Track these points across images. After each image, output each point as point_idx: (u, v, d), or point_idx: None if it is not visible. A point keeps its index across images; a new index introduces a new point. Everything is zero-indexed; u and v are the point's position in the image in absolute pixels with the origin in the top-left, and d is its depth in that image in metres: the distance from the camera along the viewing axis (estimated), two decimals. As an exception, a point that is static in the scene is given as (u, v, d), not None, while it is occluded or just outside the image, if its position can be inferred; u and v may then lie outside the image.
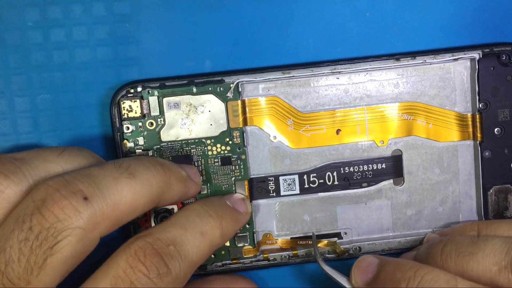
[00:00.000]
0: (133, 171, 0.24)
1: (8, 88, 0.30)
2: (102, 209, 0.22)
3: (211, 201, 0.27)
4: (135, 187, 0.24)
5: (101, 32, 0.30)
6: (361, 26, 0.31)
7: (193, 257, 0.24)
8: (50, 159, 0.24)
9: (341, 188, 0.31)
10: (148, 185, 0.24)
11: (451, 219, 0.32)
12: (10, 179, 0.23)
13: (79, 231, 0.22)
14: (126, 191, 0.23)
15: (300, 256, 0.31)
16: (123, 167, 0.24)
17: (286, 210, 0.32)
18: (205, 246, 0.25)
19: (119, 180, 0.23)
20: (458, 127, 0.31)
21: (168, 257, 0.23)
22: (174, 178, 0.26)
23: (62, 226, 0.21)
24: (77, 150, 0.25)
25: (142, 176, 0.24)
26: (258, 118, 0.31)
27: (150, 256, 0.23)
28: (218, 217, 0.26)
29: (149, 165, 0.25)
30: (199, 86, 0.30)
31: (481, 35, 0.31)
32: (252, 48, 0.31)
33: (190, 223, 0.25)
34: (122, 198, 0.23)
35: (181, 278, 0.23)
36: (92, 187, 0.22)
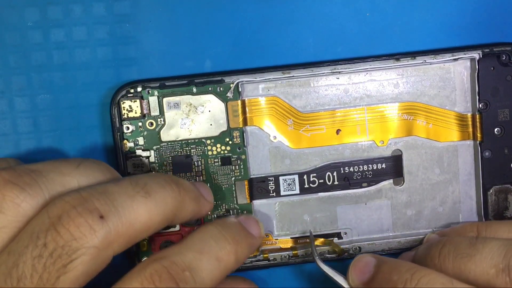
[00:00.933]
0: (149, 189, 0.24)
1: (8, 88, 0.30)
2: (117, 228, 0.22)
3: (228, 224, 0.27)
4: (150, 206, 0.24)
5: (101, 32, 0.30)
6: (361, 26, 0.31)
7: (207, 283, 0.24)
8: (67, 172, 0.24)
9: (341, 188, 0.31)
10: (163, 204, 0.24)
11: (451, 219, 0.32)
12: (26, 192, 0.22)
13: (94, 250, 0.22)
14: (141, 210, 0.23)
15: (300, 256, 0.31)
16: (139, 185, 0.24)
17: (286, 210, 0.32)
18: (220, 272, 0.25)
19: (134, 198, 0.23)
20: (458, 127, 0.31)
21: (183, 283, 0.23)
22: (188, 197, 0.26)
23: (77, 245, 0.21)
24: (94, 164, 0.25)
25: (157, 194, 0.24)
26: (258, 118, 0.31)
27: (165, 281, 0.23)
28: (234, 242, 0.26)
29: (164, 184, 0.25)
30: (199, 86, 0.30)
31: (481, 35, 0.31)
32: (252, 48, 0.31)
33: (206, 247, 0.25)
34: (137, 217, 0.23)
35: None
36: (108, 205, 0.22)
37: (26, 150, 0.30)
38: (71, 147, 0.30)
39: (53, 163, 0.24)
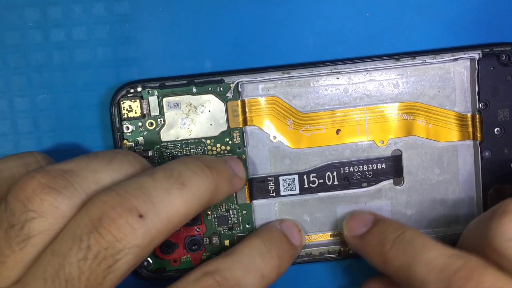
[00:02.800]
0: (184, 180, 0.24)
1: (8, 88, 0.30)
2: (157, 225, 0.22)
3: (273, 237, 0.28)
4: (187, 197, 0.24)
5: (101, 32, 0.30)
6: (361, 26, 0.31)
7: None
8: (99, 169, 0.24)
9: (341, 188, 0.31)
10: (199, 193, 0.24)
11: (451, 219, 0.32)
12: (64, 194, 0.22)
13: (136, 249, 0.22)
14: (178, 202, 0.23)
15: (300, 256, 0.31)
16: (173, 176, 0.24)
17: (286, 210, 0.32)
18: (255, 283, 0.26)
19: (171, 192, 0.23)
20: (458, 127, 0.31)
21: None
22: (223, 180, 0.26)
23: (120, 246, 0.22)
24: (124, 157, 0.25)
25: (192, 184, 0.24)
26: (258, 118, 0.31)
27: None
28: (279, 258, 0.27)
29: (198, 170, 0.25)
30: (199, 86, 0.30)
31: (481, 35, 0.31)
32: (252, 48, 0.31)
33: (253, 264, 0.26)
34: (175, 210, 0.23)
35: None
36: (146, 203, 0.22)
37: (26, 150, 0.30)
38: (71, 147, 0.30)
39: (85, 161, 0.24)
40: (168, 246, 0.30)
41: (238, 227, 0.31)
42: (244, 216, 0.31)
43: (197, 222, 0.31)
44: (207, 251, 0.31)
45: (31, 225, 0.22)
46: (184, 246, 0.31)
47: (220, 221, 0.31)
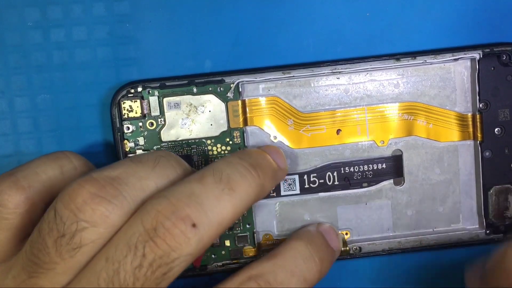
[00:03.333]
0: (232, 184, 0.24)
1: (8, 88, 0.30)
2: (208, 233, 0.23)
3: (315, 240, 0.28)
4: (235, 202, 0.24)
5: (101, 32, 0.30)
6: (361, 26, 0.31)
7: None
8: (145, 176, 0.24)
9: (341, 188, 0.31)
10: (247, 197, 0.25)
11: (451, 219, 0.32)
12: (114, 204, 0.23)
13: (189, 257, 0.23)
14: (228, 208, 0.24)
15: (300, 256, 0.31)
16: (223, 181, 0.24)
17: (286, 210, 0.32)
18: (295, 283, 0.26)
19: (221, 198, 0.24)
20: (459, 127, 0.31)
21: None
22: (268, 179, 0.26)
23: (175, 255, 0.22)
24: (167, 162, 0.25)
25: (240, 188, 0.24)
26: (259, 118, 0.31)
27: None
28: (320, 261, 0.27)
29: (245, 172, 0.25)
30: (199, 86, 0.30)
31: (481, 35, 0.31)
32: (252, 48, 0.31)
33: (297, 268, 0.26)
34: (225, 216, 0.24)
35: None
36: (198, 211, 0.23)
37: (26, 150, 0.30)
38: (71, 147, 0.30)
39: (131, 167, 0.24)
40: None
41: (238, 227, 0.31)
42: (244, 216, 0.31)
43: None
44: (207, 251, 0.31)
45: (83, 234, 0.22)
46: (185, 246, 0.31)
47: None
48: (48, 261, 0.22)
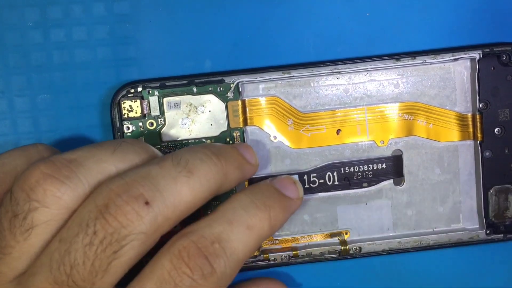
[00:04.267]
0: (191, 167, 0.24)
1: (8, 88, 0.30)
2: (163, 212, 0.23)
3: (258, 189, 0.26)
4: (194, 185, 0.24)
5: (101, 32, 0.30)
6: (361, 26, 0.31)
7: (239, 253, 0.24)
8: (104, 159, 0.24)
9: (342, 188, 0.31)
10: (206, 181, 0.24)
11: (451, 219, 0.32)
12: (67, 185, 0.23)
13: (142, 236, 0.22)
14: (185, 190, 0.23)
15: (300, 256, 0.31)
16: (181, 164, 0.24)
17: (286, 210, 0.31)
18: (252, 240, 0.24)
19: (177, 179, 0.23)
20: (459, 127, 0.31)
21: (213, 256, 0.23)
22: (232, 167, 0.26)
23: (126, 232, 0.22)
24: (130, 146, 0.25)
25: (199, 172, 0.24)
26: (258, 118, 0.31)
27: (194, 257, 0.23)
28: (266, 207, 0.25)
29: (206, 158, 0.25)
30: (199, 86, 0.30)
31: (481, 35, 0.31)
32: (252, 48, 0.31)
33: (236, 216, 0.24)
34: (182, 198, 0.23)
35: (228, 277, 0.23)
36: (152, 190, 0.23)
37: (26, 150, 0.30)
38: (71, 147, 0.30)
39: (90, 151, 0.24)
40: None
41: (238, 227, 0.31)
42: (245, 216, 0.31)
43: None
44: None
45: (34, 215, 0.22)
46: (185, 246, 0.31)
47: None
48: (4, 245, 0.22)
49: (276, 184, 0.27)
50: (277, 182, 0.27)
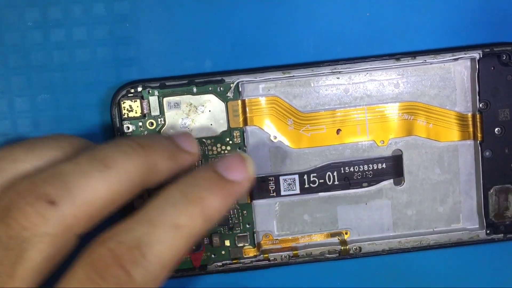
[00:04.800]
0: (108, 161, 0.22)
1: (8, 88, 0.30)
2: (72, 211, 0.21)
3: (193, 178, 0.23)
4: (110, 179, 0.22)
5: (101, 32, 0.30)
6: (361, 26, 0.31)
7: (165, 257, 0.21)
8: (20, 158, 0.23)
9: (342, 188, 0.31)
10: (126, 174, 0.22)
11: (451, 219, 0.32)
12: None
13: (48, 238, 0.21)
14: (99, 186, 0.22)
15: (300, 256, 0.31)
16: (97, 158, 0.22)
17: (286, 210, 0.32)
18: (181, 241, 0.22)
19: (91, 175, 0.22)
20: (459, 127, 0.31)
21: (131, 264, 0.21)
22: (160, 158, 0.24)
23: (28, 235, 0.21)
24: (53, 142, 0.24)
25: (118, 165, 0.22)
26: (258, 118, 0.31)
27: (110, 267, 0.21)
28: (199, 200, 0.22)
29: (128, 150, 0.23)
30: (199, 86, 0.30)
31: (481, 35, 0.31)
32: (252, 48, 0.31)
33: (160, 215, 0.22)
34: (96, 194, 0.22)
35: (152, 283, 0.21)
36: (60, 189, 0.21)
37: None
38: (71, 147, 0.30)
39: (6, 150, 0.23)
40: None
41: (238, 227, 0.31)
42: (245, 216, 0.31)
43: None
44: (207, 251, 0.31)
45: None
46: (185, 246, 0.30)
47: (220, 221, 0.31)
48: None
49: (218, 167, 0.24)
50: (219, 164, 0.24)
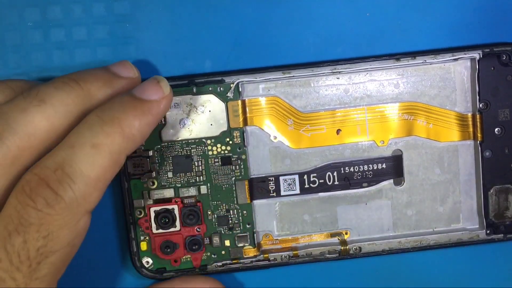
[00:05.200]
0: (43, 96, 0.24)
1: (8, 88, 0.30)
2: (16, 143, 0.23)
3: (109, 104, 0.25)
4: (48, 111, 0.24)
5: (101, 32, 0.30)
6: (361, 26, 0.31)
7: (89, 174, 0.23)
8: None
9: (341, 188, 0.31)
10: (63, 106, 0.24)
11: (451, 219, 0.32)
12: None
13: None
14: (38, 118, 0.24)
15: (300, 256, 0.31)
16: (31, 95, 0.24)
17: (286, 210, 0.32)
18: (102, 158, 0.23)
19: (27, 110, 0.24)
20: (459, 127, 0.31)
21: (55, 183, 0.23)
22: (94, 87, 0.25)
23: None
24: None
25: (53, 99, 0.24)
26: (259, 118, 0.31)
27: (36, 188, 0.22)
28: (115, 120, 0.24)
29: (61, 85, 0.25)
30: (199, 86, 0.30)
31: (481, 35, 0.31)
32: (252, 48, 0.31)
33: (79, 138, 0.23)
34: (36, 126, 0.24)
35: (81, 199, 0.23)
36: (1, 125, 0.23)
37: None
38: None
39: None
40: (168, 246, 0.30)
41: (238, 227, 0.31)
42: (245, 216, 0.31)
43: (197, 221, 0.30)
44: (207, 251, 0.31)
45: None
46: (185, 246, 0.31)
47: (220, 221, 0.31)
48: None
49: (133, 91, 0.26)
50: (135, 89, 0.26)
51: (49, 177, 0.23)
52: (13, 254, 0.22)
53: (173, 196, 0.30)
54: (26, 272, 0.22)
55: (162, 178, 0.30)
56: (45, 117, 0.24)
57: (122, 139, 0.24)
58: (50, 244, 0.23)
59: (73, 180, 0.23)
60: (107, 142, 0.24)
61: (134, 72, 0.27)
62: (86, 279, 0.31)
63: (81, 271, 0.31)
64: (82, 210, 0.23)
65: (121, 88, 0.26)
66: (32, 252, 0.22)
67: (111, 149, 0.24)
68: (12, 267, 0.22)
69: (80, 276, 0.31)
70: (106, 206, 0.31)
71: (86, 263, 0.31)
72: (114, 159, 0.24)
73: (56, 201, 0.22)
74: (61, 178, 0.23)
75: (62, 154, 0.23)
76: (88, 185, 0.23)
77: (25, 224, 0.22)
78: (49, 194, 0.22)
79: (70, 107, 0.24)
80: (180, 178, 0.30)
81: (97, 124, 0.24)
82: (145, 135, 0.25)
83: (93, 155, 0.23)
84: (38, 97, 0.24)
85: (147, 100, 0.25)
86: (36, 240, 0.22)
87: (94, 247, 0.31)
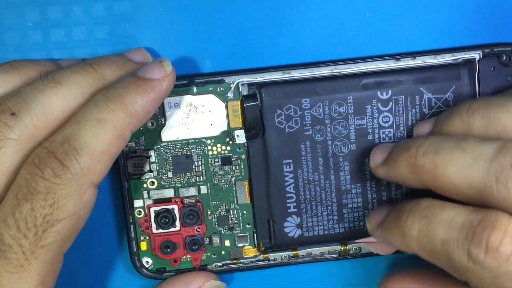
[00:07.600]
0: (59, 79, 0.26)
1: (8, 88, 0.30)
2: (33, 121, 0.24)
3: (114, 83, 0.27)
4: (63, 92, 0.25)
5: (101, 32, 0.30)
6: (361, 26, 0.31)
7: (95, 146, 0.24)
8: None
9: (341, 188, 0.31)
10: (78, 87, 0.26)
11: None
12: None
13: (13, 143, 0.24)
14: (54, 99, 0.25)
15: (300, 256, 0.31)
16: (48, 78, 0.26)
17: (286, 210, 0.32)
18: (107, 131, 0.25)
19: (45, 91, 0.25)
20: (459, 127, 0.31)
21: (63, 155, 0.24)
22: (109, 70, 0.27)
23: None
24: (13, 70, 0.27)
25: (69, 81, 0.26)
26: (258, 118, 0.31)
27: (45, 160, 0.24)
28: (118, 97, 0.25)
29: (77, 69, 0.26)
30: (199, 86, 0.30)
31: (481, 35, 0.31)
32: (252, 48, 0.31)
33: (85, 115, 0.25)
34: (52, 105, 0.25)
35: (85, 170, 0.24)
36: (19, 103, 0.25)
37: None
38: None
39: None
40: (168, 246, 0.30)
41: (238, 227, 0.31)
42: (244, 216, 0.31)
43: (197, 221, 0.30)
44: (207, 251, 0.31)
45: None
46: (185, 246, 0.31)
47: (220, 221, 0.31)
48: None
49: (138, 72, 0.27)
50: (140, 70, 0.27)
51: (57, 149, 0.24)
52: (21, 221, 0.23)
53: (173, 196, 0.30)
54: (32, 239, 0.23)
55: (162, 178, 0.30)
56: (60, 98, 0.25)
57: (125, 114, 0.25)
58: (56, 212, 0.24)
59: (78, 152, 0.24)
60: (111, 117, 0.25)
61: (148, 57, 0.29)
62: (86, 279, 0.31)
63: (81, 271, 0.31)
64: (88, 181, 0.24)
65: (129, 70, 0.28)
66: (38, 219, 0.23)
67: (115, 124, 0.25)
68: (20, 234, 0.23)
69: (80, 276, 0.31)
70: (106, 206, 0.31)
71: (86, 263, 0.31)
72: (118, 133, 0.25)
73: (63, 171, 0.24)
74: (67, 151, 0.24)
75: (69, 129, 0.25)
76: (93, 157, 0.24)
77: (33, 192, 0.23)
78: (56, 165, 0.24)
79: (84, 89, 0.26)
80: (180, 178, 0.30)
81: (102, 101, 0.25)
82: (148, 112, 0.26)
83: (97, 129, 0.25)
84: (55, 79, 0.25)
85: (150, 79, 0.27)
86: (42, 207, 0.23)
87: (94, 247, 0.31)
